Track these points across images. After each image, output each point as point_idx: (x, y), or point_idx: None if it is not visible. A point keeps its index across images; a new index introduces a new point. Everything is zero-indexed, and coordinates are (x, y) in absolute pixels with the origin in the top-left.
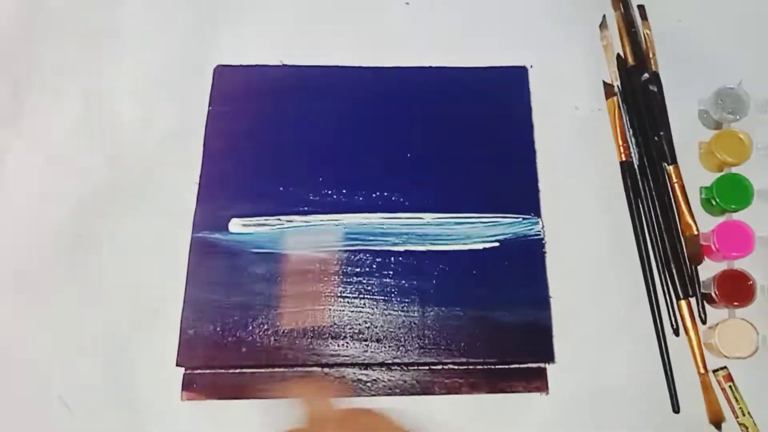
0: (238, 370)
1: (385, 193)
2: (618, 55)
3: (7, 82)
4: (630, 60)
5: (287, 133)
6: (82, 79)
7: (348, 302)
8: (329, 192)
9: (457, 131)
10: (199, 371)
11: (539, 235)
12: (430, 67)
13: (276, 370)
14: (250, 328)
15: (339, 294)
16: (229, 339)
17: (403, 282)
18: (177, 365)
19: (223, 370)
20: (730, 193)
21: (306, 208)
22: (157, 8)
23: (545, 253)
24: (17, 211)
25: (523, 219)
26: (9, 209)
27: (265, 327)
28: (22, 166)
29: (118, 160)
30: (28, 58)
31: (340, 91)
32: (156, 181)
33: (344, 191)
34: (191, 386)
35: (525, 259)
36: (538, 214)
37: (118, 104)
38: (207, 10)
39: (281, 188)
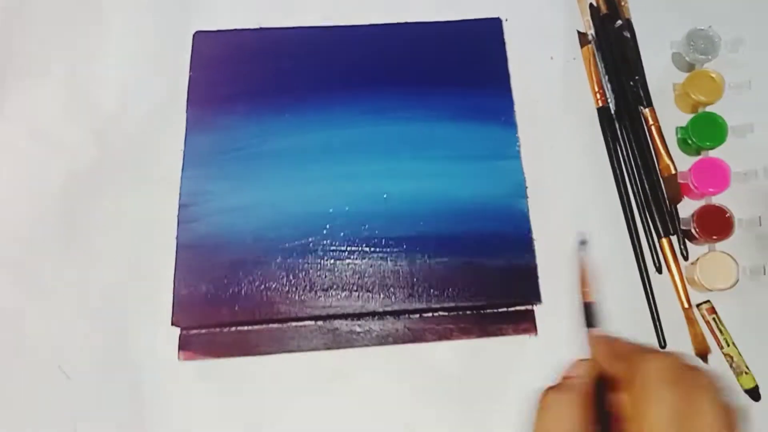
0: (233, 328)
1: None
2: (591, 4)
3: None
4: (603, 8)
5: (267, 95)
6: (63, 55)
7: (337, 255)
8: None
9: (434, 85)
10: (194, 331)
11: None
12: (405, 23)
13: (271, 326)
14: (242, 285)
15: (328, 247)
16: (222, 297)
17: (390, 233)
18: (172, 325)
19: (218, 329)
20: (705, 131)
21: None
22: None
23: (527, 198)
24: (6, 187)
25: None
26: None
27: (257, 283)
28: (8, 146)
29: (103, 133)
30: (9, 37)
31: (316, 51)
32: (142, 151)
33: (325, 154)
34: (188, 346)
35: (509, 206)
36: (519, 169)
37: (100, 78)
38: None
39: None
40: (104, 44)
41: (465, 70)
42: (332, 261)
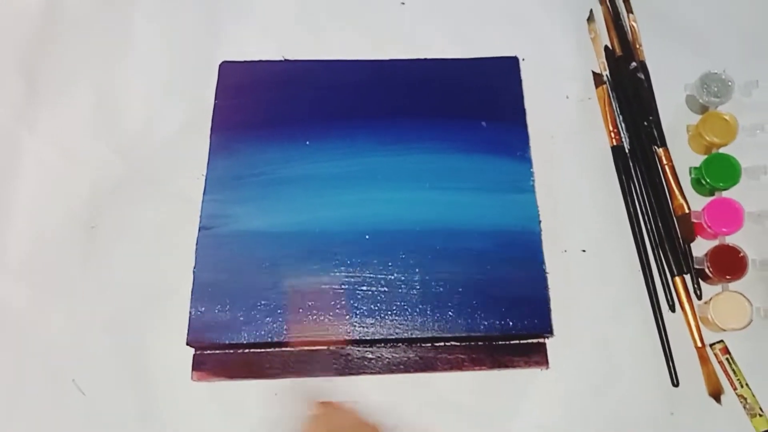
0: (246, 351)
1: (385, 181)
2: (606, 46)
3: (25, 79)
4: (618, 50)
5: (289, 123)
6: (94, 76)
7: (352, 281)
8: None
9: (453, 119)
10: (208, 351)
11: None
12: (426, 59)
13: (284, 349)
14: (257, 308)
15: (343, 273)
16: (237, 319)
17: (405, 262)
18: (187, 345)
19: (231, 351)
20: (718, 172)
21: None
22: (167, 8)
23: (541, 233)
24: (32, 202)
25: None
26: (25, 199)
27: (272, 307)
28: (37, 160)
29: (128, 153)
30: (44, 55)
31: (339, 83)
32: (165, 173)
33: (345, 181)
34: (201, 366)
35: (522, 239)
36: (533, 197)
37: (129, 100)
38: (212, 9)
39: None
40: (133, 68)
41: (483, 105)
42: (346, 287)
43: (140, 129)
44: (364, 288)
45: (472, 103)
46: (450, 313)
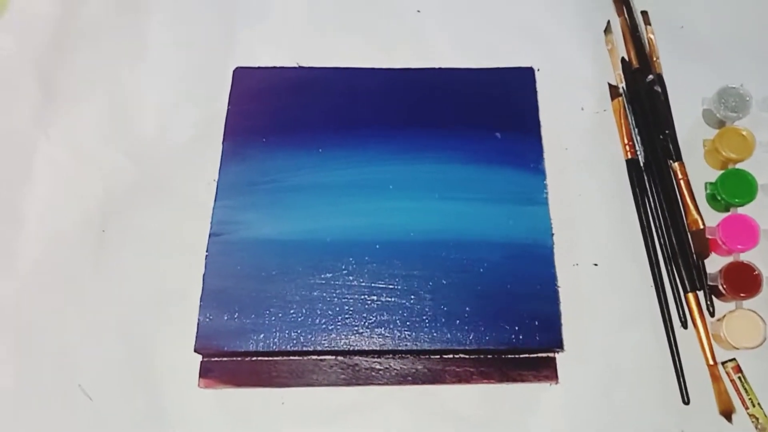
0: (254, 358)
1: (397, 191)
2: (623, 58)
3: (41, 83)
4: (634, 63)
5: (302, 130)
6: (109, 81)
7: (361, 290)
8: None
9: (466, 129)
10: (216, 359)
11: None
12: (441, 69)
13: (291, 358)
14: (266, 316)
15: (353, 282)
16: (245, 327)
17: (416, 272)
18: (195, 352)
19: (239, 358)
20: (734, 188)
21: None
22: (182, 15)
23: (553, 246)
24: (45, 205)
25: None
26: (38, 203)
27: (280, 315)
28: (52, 164)
29: (141, 158)
30: (60, 60)
31: (352, 91)
32: (177, 178)
33: (357, 189)
34: (208, 374)
35: (534, 252)
36: (546, 209)
37: (142, 105)
38: (227, 16)
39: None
40: (147, 74)
41: (497, 116)
42: (356, 296)
43: (153, 134)
44: (374, 298)
45: (486, 114)
46: (459, 325)
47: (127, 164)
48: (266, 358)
